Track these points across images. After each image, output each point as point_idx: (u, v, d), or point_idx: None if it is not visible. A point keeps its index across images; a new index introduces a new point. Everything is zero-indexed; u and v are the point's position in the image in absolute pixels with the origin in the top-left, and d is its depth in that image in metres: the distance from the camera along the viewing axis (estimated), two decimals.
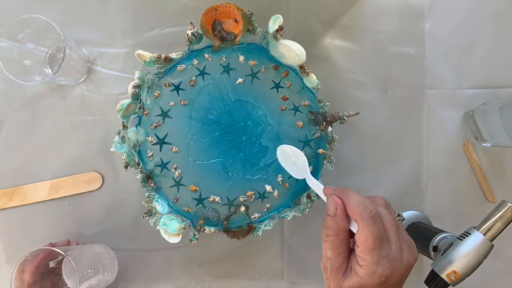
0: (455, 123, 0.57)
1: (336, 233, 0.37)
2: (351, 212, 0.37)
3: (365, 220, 0.36)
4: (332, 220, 0.38)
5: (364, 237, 0.35)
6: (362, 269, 0.35)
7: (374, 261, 0.35)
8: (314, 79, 0.49)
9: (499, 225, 0.40)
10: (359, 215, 0.36)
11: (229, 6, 0.47)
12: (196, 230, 0.50)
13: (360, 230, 0.36)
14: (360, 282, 0.35)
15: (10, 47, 0.51)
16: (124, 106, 0.47)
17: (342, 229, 0.37)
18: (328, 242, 0.38)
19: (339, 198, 0.38)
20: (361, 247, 0.36)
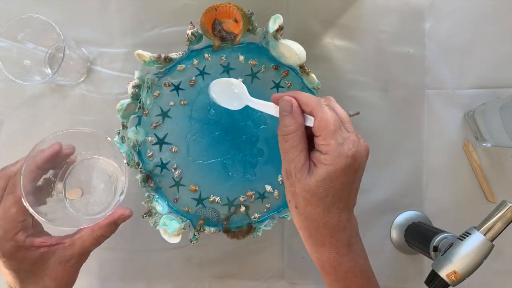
0: (455, 123, 0.57)
1: (294, 129, 0.37)
2: (305, 105, 0.38)
3: (322, 107, 0.37)
4: (289, 118, 0.38)
5: (324, 122, 0.36)
6: (327, 155, 0.36)
7: (338, 143, 0.35)
8: (314, 79, 0.49)
9: (500, 225, 0.40)
10: (315, 105, 0.37)
11: (229, 6, 0.47)
12: (196, 230, 0.50)
13: (318, 118, 0.36)
14: (327, 170, 0.35)
15: (10, 47, 0.51)
16: (124, 106, 0.47)
17: (299, 125, 0.37)
18: (287, 142, 0.37)
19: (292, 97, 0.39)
20: (322, 134, 0.36)
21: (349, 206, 0.38)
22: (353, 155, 0.36)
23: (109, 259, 0.57)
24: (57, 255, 0.40)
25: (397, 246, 0.57)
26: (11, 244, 0.37)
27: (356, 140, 0.37)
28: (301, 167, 0.37)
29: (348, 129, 0.37)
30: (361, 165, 0.37)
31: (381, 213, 0.57)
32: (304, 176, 0.37)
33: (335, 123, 0.36)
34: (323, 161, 0.36)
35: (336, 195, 0.36)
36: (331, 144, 0.35)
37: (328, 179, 0.36)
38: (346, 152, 0.35)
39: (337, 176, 0.36)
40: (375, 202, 0.57)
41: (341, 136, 0.36)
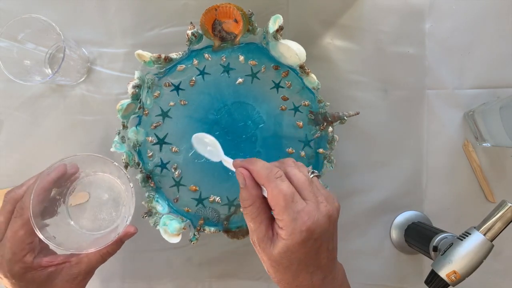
0: (455, 123, 0.57)
1: (251, 202, 0.37)
2: (258, 178, 0.37)
3: (271, 181, 0.35)
4: (244, 191, 0.37)
5: (275, 197, 0.35)
6: (283, 230, 0.35)
7: (290, 218, 0.34)
8: (314, 79, 0.49)
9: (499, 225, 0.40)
10: (266, 178, 0.36)
11: (229, 6, 0.47)
12: (196, 230, 0.50)
13: (269, 192, 0.35)
14: (285, 244, 0.35)
15: (10, 47, 0.51)
16: (124, 106, 0.47)
17: (255, 197, 0.37)
18: (247, 215, 0.37)
19: (246, 169, 0.38)
20: (275, 208, 0.35)
21: (322, 266, 0.37)
22: (307, 228, 0.34)
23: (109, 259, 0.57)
24: (64, 273, 0.41)
25: (397, 246, 0.57)
26: (19, 265, 0.38)
27: (313, 209, 0.35)
28: (263, 238, 0.36)
29: (306, 196, 0.36)
30: (322, 233, 0.35)
31: (381, 213, 0.57)
32: (268, 246, 0.36)
33: (285, 197, 0.35)
34: (281, 234, 0.35)
35: (301, 263, 0.36)
36: (284, 219, 0.35)
37: (289, 251, 0.35)
38: (300, 227, 0.34)
39: (296, 249, 0.35)
40: (375, 202, 0.57)
41: (294, 210, 0.35)
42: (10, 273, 0.37)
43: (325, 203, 0.36)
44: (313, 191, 0.36)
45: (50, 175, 0.40)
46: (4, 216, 0.39)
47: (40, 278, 0.39)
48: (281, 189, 0.35)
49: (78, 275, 0.41)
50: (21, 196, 0.39)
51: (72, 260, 0.41)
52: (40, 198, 0.39)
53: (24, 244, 0.38)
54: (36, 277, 0.39)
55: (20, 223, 0.38)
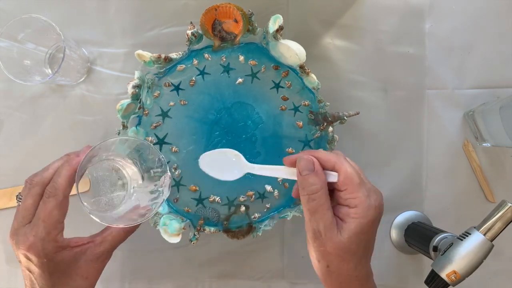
0: (455, 123, 0.57)
1: (320, 187, 0.37)
2: (326, 162, 0.38)
3: (344, 162, 0.37)
4: (313, 176, 0.37)
5: (350, 176, 0.36)
6: (357, 209, 0.36)
7: (365, 195, 0.36)
8: (314, 79, 0.49)
9: (499, 225, 0.40)
10: (336, 160, 0.37)
11: (229, 6, 0.47)
12: (196, 230, 0.50)
13: (343, 173, 0.37)
14: (359, 223, 0.36)
15: (10, 47, 0.51)
16: (124, 106, 0.47)
17: (324, 182, 0.37)
18: (315, 201, 0.37)
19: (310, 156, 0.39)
20: (349, 188, 0.36)
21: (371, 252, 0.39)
22: (379, 205, 0.37)
23: None
24: (88, 253, 0.41)
25: (397, 246, 0.57)
26: (52, 244, 0.39)
27: (376, 190, 0.38)
28: (330, 225, 0.36)
29: (365, 179, 0.38)
30: (382, 214, 0.38)
31: None
32: (335, 233, 0.36)
33: (359, 176, 0.37)
34: (353, 215, 0.36)
35: (366, 246, 0.37)
36: (359, 197, 0.36)
37: (361, 232, 0.36)
38: (374, 203, 0.36)
39: (368, 228, 0.36)
40: None
41: (366, 188, 0.37)
42: (43, 252, 0.38)
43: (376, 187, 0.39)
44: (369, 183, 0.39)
45: (79, 157, 0.41)
46: (33, 198, 0.39)
47: (67, 258, 0.40)
48: (354, 167, 0.37)
49: (101, 254, 0.42)
50: (48, 179, 0.40)
51: (96, 240, 0.42)
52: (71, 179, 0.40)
53: (58, 223, 0.39)
54: (64, 257, 0.40)
55: (54, 203, 0.38)
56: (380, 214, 0.37)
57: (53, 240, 0.39)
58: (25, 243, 0.38)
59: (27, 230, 0.38)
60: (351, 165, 0.38)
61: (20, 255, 0.39)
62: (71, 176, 0.40)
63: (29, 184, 0.40)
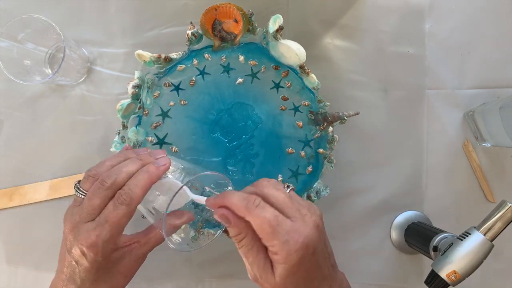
0: (455, 123, 0.57)
1: (244, 234, 0.36)
2: (237, 211, 0.35)
3: (251, 211, 0.34)
4: (233, 229, 0.36)
5: (260, 226, 0.34)
6: (278, 256, 0.34)
7: (282, 242, 0.34)
8: (314, 79, 0.49)
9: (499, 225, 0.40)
10: (245, 210, 0.35)
11: (229, 6, 0.47)
12: (196, 231, 0.50)
13: (253, 223, 0.35)
14: (285, 268, 0.34)
15: (10, 47, 0.51)
16: (124, 106, 0.47)
17: (244, 229, 0.36)
18: (243, 247, 0.36)
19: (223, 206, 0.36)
20: (263, 236, 0.35)
21: (326, 276, 0.37)
22: (301, 246, 0.34)
23: None
24: (133, 253, 0.42)
25: (397, 246, 0.57)
26: (111, 246, 0.39)
27: (300, 225, 0.34)
28: (263, 267, 0.35)
29: (290, 214, 0.35)
30: (316, 245, 0.35)
31: (381, 213, 0.57)
32: (269, 275, 0.35)
33: (270, 223, 0.34)
34: (277, 261, 0.35)
35: (306, 281, 0.36)
36: (276, 244, 0.34)
37: (290, 274, 0.35)
38: (294, 247, 0.34)
39: (297, 269, 0.34)
40: (375, 202, 0.57)
41: (283, 233, 0.34)
42: (102, 252, 0.38)
43: (309, 214, 0.36)
44: (295, 206, 0.36)
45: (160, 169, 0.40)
46: (102, 200, 0.38)
47: (116, 257, 0.41)
48: (264, 216, 0.34)
49: (144, 254, 0.43)
50: (121, 184, 0.39)
51: (142, 240, 0.43)
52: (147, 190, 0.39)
53: (122, 229, 0.39)
54: (115, 257, 0.41)
55: (126, 211, 0.38)
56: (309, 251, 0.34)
57: (113, 243, 0.39)
58: (87, 240, 0.38)
59: (90, 228, 0.38)
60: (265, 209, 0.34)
61: (76, 248, 0.39)
62: (148, 188, 0.39)
63: (100, 183, 0.39)
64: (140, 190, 0.38)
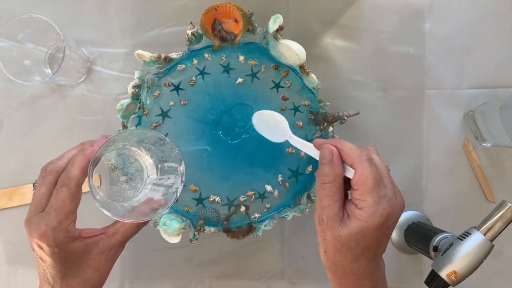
0: (455, 123, 0.57)
1: (332, 179, 0.37)
2: (347, 157, 0.38)
3: (363, 162, 0.36)
4: (328, 167, 0.38)
5: (364, 177, 0.36)
6: (362, 211, 0.36)
7: (374, 201, 0.35)
8: (314, 79, 0.49)
9: (500, 225, 0.40)
10: (357, 158, 0.37)
11: (229, 6, 0.47)
12: (196, 230, 0.50)
13: (358, 172, 0.36)
14: (361, 226, 0.36)
15: (10, 47, 0.51)
16: (124, 106, 0.47)
17: (338, 175, 0.38)
18: (324, 191, 0.37)
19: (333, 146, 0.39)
20: (360, 189, 0.36)
21: (377, 254, 0.38)
22: (387, 214, 0.36)
23: None
24: (100, 245, 0.41)
25: (397, 246, 0.57)
26: (64, 234, 0.38)
27: (393, 198, 0.37)
28: (334, 217, 0.37)
29: (386, 184, 0.37)
30: (394, 222, 0.37)
31: None
32: (336, 225, 0.37)
33: (374, 180, 0.36)
34: (358, 216, 0.36)
35: (366, 247, 0.37)
36: (367, 201, 0.35)
37: (360, 233, 0.36)
38: (381, 212, 0.35)
39: (370, 232, 0.36)
40: None
41: (379, 194, 0.36)
42: (54, 241, 0.38)
43: (399, 195, 0.38)
44: (391, 181, 0.38)
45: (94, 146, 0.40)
46: (46, 187, 0.39)
47: (79, 249, 0.40)
48: (371, 170, 0.36)
49: (113, 246, 0.42)
50: (62, 168, 0.39)
51: (109, 231, 0.42)
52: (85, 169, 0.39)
53: (70, 213, 0.38)
54: (76, 248, 0.39)
55: (66, 192, 0.38)
56: (387, 223, 0.36)
57: (64, 230, 0.38)
58: (37, 231, 0.37)
59: (40, 219, 0.38)
60: (372, 166, 0.37)
61: (33, 243, 0.39)
62: (85, 166, 0.39)
63: (44, 172, 0.39)
64: (76, 169, 0.38)
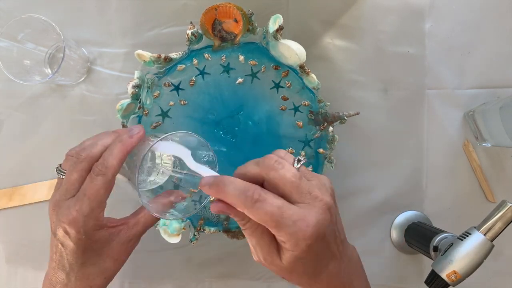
0: (455, 123, 0.57)
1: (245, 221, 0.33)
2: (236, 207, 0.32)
3: (250, 207, 0.31)
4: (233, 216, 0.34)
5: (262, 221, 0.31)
6: (286, 244, 0.32)
7: (289, 232, 0.31)
8: (314, 79, 0.49)
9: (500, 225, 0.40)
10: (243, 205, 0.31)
11: (229, 6, 0.47)
12: (196, 230, 0.50)
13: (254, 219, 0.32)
14: (293, 255, 0.32)
15: (10, 47, 0.51)
16: (124, 106, 0.47)
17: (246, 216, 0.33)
18: (246, 231, 0.34)
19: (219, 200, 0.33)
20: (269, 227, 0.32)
21: (335, 255, 0.35)
22: (310, 235, 0.31)
23: None
24: (122, 235, 0.41)
25: (397, 246, 0.57)
26: (93, 222, 0.38)
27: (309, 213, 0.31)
28: (268, 253, 0.34)
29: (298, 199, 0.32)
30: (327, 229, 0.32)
31: (381, 213, 0.57)
32: (275, 258, 0.34)
33: (273, 217, 0.31)
34: (285, 247, 0.32)
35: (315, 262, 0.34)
36: (283, 235, 0.31)
37: (298, 260, 0.33)
38: (302, 237, 0.31)
39: (306, 255, 0.32)
40: (375, 202, 0.57)
41: (289, 224, 0.31)
42: (83, 228, 0.37)
43: (320, 195, 0.32)
44: (304, 188, 0.32)
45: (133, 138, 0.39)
46: (79, 173, 0.38)
47: (103, 238, 0.39)
48: (265, 211, 0.31)
49: (133, 237, 0.41)
50: (97, 156, 0.39)
51: (130, 222, 0.41)
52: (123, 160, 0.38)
53: (102, 202, 0.38)
54: (101, 237, 0.39)
55: (102, 181, 0.37)
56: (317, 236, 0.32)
57: (95, 218, 0.38)
58: (68, 216, 0.37)
59: (71, 204, 0.37)
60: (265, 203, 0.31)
61: (59, 227, 0.38)
62: (124, 157, 0.38)
63: (76, 158, 0.39)
64: (114, 159, 0.37)
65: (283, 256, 0.33)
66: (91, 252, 0.39)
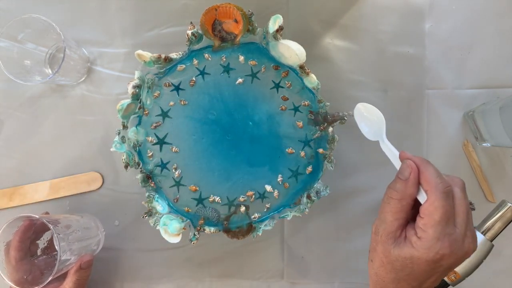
0: (455, 123, 0.57)
1: (401, 197, 0.36)
2: (425, 181, 0.35)
3: (438, 192, 0.34)
4: (401, 184, 0.36)
5: (433, 209, 0.34)
6: (419, 241, 0.34)
7: (434, 236, 0.33)
8: (314, 79, 0.49)
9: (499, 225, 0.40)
10: (434, 186, 0.34)
11: (229, 6, 0.47)
12: (196, 230, 0.50)
13: (429, 201, 0.34)
14: (412, 254, 0.34)
15: (10, 47, 0.51)
16: (124, 106, 0.47)
17: (408, 195, 0.36)
18: (389, 205, 0.36)
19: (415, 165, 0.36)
20: (426, 218, 0.34)
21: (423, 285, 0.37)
22: (442, 255, 0.34)
23: (109, 259, 0.57)
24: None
25: None
26: None
27: (459, 241, 0.34)
28: (390, 233, 0.36)
29: (458, 224, 0.35)
30: (451, 265, 0.35)
31: None
32: (390, 242, 0.36)
33: (443, 215, 0.33)
34: (413, 243, 0.35)
35: (412, 274, 0.35)
36: (428, 233, 0.34)
37: (409, 260, 0.35)
38: (438, 249, 0.33)
39: (419, 263, 0.34)
40: (375, 202, 0.57)
41: (443, 231, 0.34)
42: None
43: (471, 239, 0.35)
44: (467, 222, 0.35)
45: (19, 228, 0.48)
46: None
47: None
48: (443, 205, 0.34)
49: None
50: None
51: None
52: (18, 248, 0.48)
53: None
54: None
55: None
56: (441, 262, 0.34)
57: None
58: None
59: None
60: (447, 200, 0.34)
61: None
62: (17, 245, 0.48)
63: None
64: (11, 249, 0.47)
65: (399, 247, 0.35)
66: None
